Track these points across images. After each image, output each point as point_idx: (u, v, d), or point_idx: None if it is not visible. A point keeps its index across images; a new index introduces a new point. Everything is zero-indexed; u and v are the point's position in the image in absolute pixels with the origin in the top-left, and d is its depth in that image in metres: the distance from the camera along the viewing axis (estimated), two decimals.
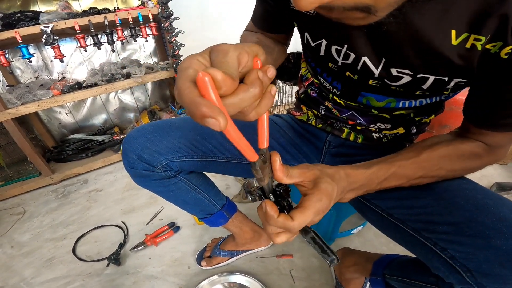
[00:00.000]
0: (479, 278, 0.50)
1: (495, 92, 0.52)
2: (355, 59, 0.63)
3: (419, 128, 0.82)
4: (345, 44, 0.62)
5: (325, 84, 0.80)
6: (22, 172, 2.11)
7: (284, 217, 0.44)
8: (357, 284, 0.99)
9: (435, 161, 0.60)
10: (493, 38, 0.46)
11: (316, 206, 0.46)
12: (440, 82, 0.58)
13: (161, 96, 2.80)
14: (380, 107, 0.73)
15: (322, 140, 0.90)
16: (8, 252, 1.52)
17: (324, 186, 0.49)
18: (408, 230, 0.62)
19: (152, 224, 1.57)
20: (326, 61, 0.71)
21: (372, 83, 0.67)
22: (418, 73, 0.58)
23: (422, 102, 0.69)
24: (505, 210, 0.52)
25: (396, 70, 0.60)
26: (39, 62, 2.17)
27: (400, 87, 0.63)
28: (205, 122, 0.28)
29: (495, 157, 0.62)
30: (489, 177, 1.66)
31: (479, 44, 0.47)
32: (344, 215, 1.21)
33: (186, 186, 0.92)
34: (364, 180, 0.59)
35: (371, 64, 0.62)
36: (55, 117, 2.40)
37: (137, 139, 0.80)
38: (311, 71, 0.86)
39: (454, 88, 0.60)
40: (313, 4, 0.29)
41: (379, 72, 0.62)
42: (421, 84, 0.60)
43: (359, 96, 0.73)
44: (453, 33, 0.48)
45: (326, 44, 0.67)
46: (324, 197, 0.48)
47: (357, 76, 0.68)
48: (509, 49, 0.45)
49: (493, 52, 0.47)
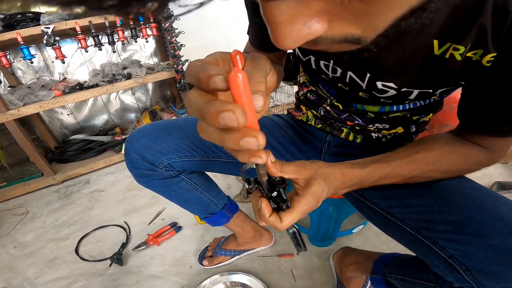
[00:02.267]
0: (478, 276, 0.51)
1: (485, 98, 0.53)
2: (342, 73, 0.66)
3: (419, 127, 0.82)
4: (331, 60, 0.65)
5: (322, 91, 0.83)
6: (24, 173, 2.12)
7: (275, 218, 0.47)
8: (358, 283, 1.00)
9: (431, 162, 0.61)
10: (474, 47, 0.47)
11: (303, 209, 0.48)
12: (425, 93, 0.60)
13: (162, 97, 2.80)
14: (375, 112, 0.75)
15: (322, 140, 0.91)
16: (11, 252, 1.53)
17: (314, 189, 0.50)
18: (407, 228, 0.63)
19: (154, 224, 1.57)
20: (319, 73, 0.74)
21: (362, 95, 0.70)
22: (402, 87, 0.60)
23: (416, 105, 0.70)
24: (504, 209, 0.53)
25: (382, 84, 0.62)
26: (40, 63, 2.18)
27: (388, 99, 0.66)
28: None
29: (492, 159, 0.62)
30: (490, 176, 1.66)
31: (458, 54, 0.49)
32: (345, 215, 1.22)
33: (188, 186, 0.92)
34: (359, 178, 0.60)
35: (356, 78, 0.64)
36: (57, 118, 2.41)
37: (139, 139, 0.81)
38: (309, 79, 0.88)
39: (442, 93, 0.61)
40: (297, 42, 0.25)
41: (365, 85, 0.65)
42: (407, 96, 0.62)
43: (353, 103, 0.76)
44: (435, 43, 0.50)
45: (314, 59, 0.69)
46: (312, 200, 0.50)
47: (348, 87, 0.71)
48: (490, 57, 0.46)
49: (475, 59, 0.49)
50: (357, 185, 0.62)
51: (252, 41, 0.79)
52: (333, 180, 0.56)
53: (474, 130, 0.59)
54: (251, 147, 0.28)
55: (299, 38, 0.24)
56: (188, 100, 0.31)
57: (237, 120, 0.26)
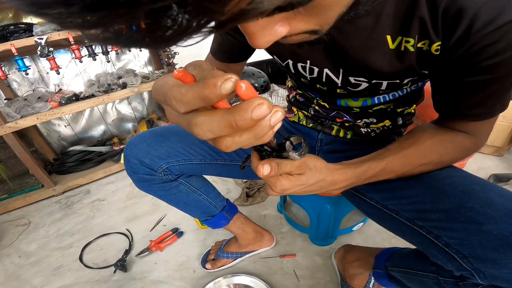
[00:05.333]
0: (475, 263, 0.51)
1: (450, 87, 0.56)
2: (319, 72, 0.69)
3: (405, 119, 0.85)
4: (308, 60, 0.68)
5: (308, 93, 0.86)
6: (24, 185, 2.12)
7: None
8: (361, 280, 1.00)
9: (422, 155, 0.63)
10: (420, 38, 0.51)
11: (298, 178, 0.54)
12: (394, 84, 0.63)
13: (159, 105, 2.80)
14: (359, 106, 0.78)
15: (314, 138, 0.94)
16: (16, 261, 1.53)
17: (306, 176, 0.56)
18: (402, 220, 0.64)
19: (156, 230, 1.58)
20: (299, 77, 0.77)
21: (340, 92, 0.73)
22: (372, 79, 0.63)
23: (395, 95, 0.73)
24: (493, 195, 0.54)
25: (354, 79, 0.65)
26: (35, 74, 2.19)
27: (364, 91, 0.68)
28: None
29: (478, 144, 0.64)
30: (486, 169, 1.68)
31: (410, 46, 0.53)
32: (343, 212, 1.23)
33: (187, 189, 0.94)
34: (353, 178, 0.63)
35: (332, 75, 0.68)
36: (54, 130, 2.42)
37: (138, 145, 0.83)
38: (294, 83, 0.92)
39: (410, 83, 0.65)
40: (269, 43, 0.32)
41: (340, 81, 0.68)
42: (379, 87, 0.65)
43: (337, 100, 0.79)
44: (389, 38, 0.54)
45: (292, 62, 0.72)
46: (304, 179, 0.55)
47: (326, 87, 0.74)
48: (436, 45, 0.50)
49: (425, 49, 0.52)
50: (351, 184, 0.64)
51: (217, 54, 0.83)
52: (324, 177, 0.59)
53: (452, 118, 0.62)
54: (263, 112, 0.27)
55: (269, 39, 0.32)
56: (172, 108, 0.32)
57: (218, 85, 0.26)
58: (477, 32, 0.44)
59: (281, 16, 0.31)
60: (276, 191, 0.54)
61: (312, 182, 0.57)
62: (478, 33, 0.44)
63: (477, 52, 0.47)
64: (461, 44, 0.47)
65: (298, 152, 0.48)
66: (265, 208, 1.61)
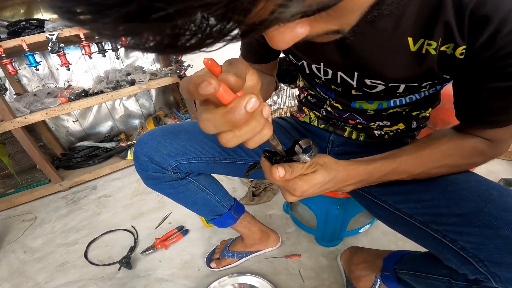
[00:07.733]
0: (491, 267, 0.51)
1: (473, 92, 0.55)
2: (333, 74, 0.68)
3: (419, 123, 0.83)
4: (322, 62, 0.68)
5: (320, 94, 0.85)
6: (31, 180, 2.14)
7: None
8: (367, 282, 1.00)
9: (437, 158, 0.62)
10: (444, 41, 0.50)
11: (309, 179, 0.53)
12: (412, 87, 0.62)
13: (165, 102, 2.83)
14: (373, 109, 0.77)
15: (325, 139, 0.93)
16: (21, 257, 1.55)
17: (317, 176, 0.55)
18: (416, 223, 0.63)
19: (161, 228, 1.58)
20: (314, 77, 0.77)
21: (355, 93, 0.72)
22: (389, 83, 0.62)
23: (412, 99, 0.71)
24: (510, 200, 0.54)
25: (370, 81, 0.64)
26: (45, 70, 2.21)
27: (380, 93, 0.67)
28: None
29: (498, 151, 0.63)
30: (496, 173, 1.66)
31: (431, 49, 0.52)
32: (351, 214, 1.22)
33: (195, 188, 0.94)
34: (364, 174, 0.62)
35: (346, 77, 0.67)
36: (63, 125, 2.44)
37: (148, 142, 0.83)
38: (307, 83, 0.91)
39: (429, 86, 0.63)
40: (289, 44, 0.32)
41: (356, 83, 0.67)
42: (396, 90, 0.64)
43: (352, 102, 0.78)
44: (410, 40, 0.53)
45: (307, 63, 0.72)
46: (314, 180, 0.54)
47: (341, 88, 0.73)
48: (461, 49, 0.50)
49: (449, 53, 0.52)
50: (363, 181, 0.63)
51: (245, 56, 0.85)
52: (337, 173, 0.58)
53: (472, 124, 0.61)
54: (255, 105, 0.31)
55: (289, 40, 0.31)
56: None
57: (211, 85, 0.29)
58: (504, 36, 0.44)
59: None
60: (296, 194, 0.53)
61: (328, 179, 0.56)
62: (505, 38, 0.44)
63: (503, 57, 0.46)
64: (487, 48, 0.46)
65: (309, 154, 0.48)
66: (271, 208, 1.61)
